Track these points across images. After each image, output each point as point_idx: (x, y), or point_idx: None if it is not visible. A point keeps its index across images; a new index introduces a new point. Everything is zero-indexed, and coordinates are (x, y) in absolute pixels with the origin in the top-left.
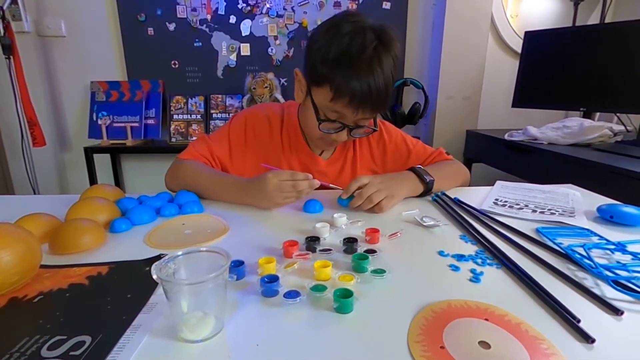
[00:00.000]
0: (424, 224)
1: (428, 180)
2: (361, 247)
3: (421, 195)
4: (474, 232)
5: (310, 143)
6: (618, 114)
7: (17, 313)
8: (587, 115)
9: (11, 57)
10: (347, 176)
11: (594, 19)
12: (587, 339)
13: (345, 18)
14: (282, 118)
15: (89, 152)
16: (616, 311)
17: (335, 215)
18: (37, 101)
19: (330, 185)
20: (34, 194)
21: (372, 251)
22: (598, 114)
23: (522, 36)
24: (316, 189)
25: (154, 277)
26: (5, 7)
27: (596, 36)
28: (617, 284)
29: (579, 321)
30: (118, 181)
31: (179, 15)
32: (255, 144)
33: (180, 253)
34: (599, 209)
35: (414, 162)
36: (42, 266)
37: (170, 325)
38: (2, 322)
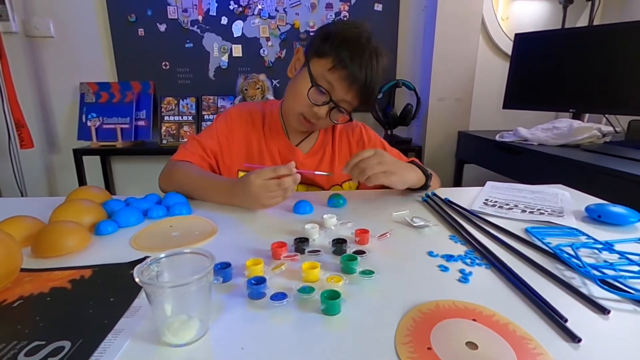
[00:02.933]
0: (414, 224)
1: (429, 172)
2: (350, 248)
3: (420, 189)
4: (463, 233)
5: (288, 131)
6: (607, 115)
7: None
8: (577, 116)
9: None
10: (324, 170)
11: (582, 22)
12: (574, 338)
13: (355, 21)
14: (264, 113)
15: (78, 154)
16: (603, 310)
17: (325, 216)
18: (25, 102)
19: (316, 172)
20: (22, 196)
21: (362, 252)
22: (587, 115)
23: (513, 38)
24: (302, 181)
25: (136, 279)
26: None
27: (585, 38)
28: (604, 283)
29: (566, 320)
30: (108, 183)
31: (169, 16)
32: (240, 135)
33: (163, 255)
34: (587, 209)
35: None
36: (24, 270)
37: (153, 329)
38: None
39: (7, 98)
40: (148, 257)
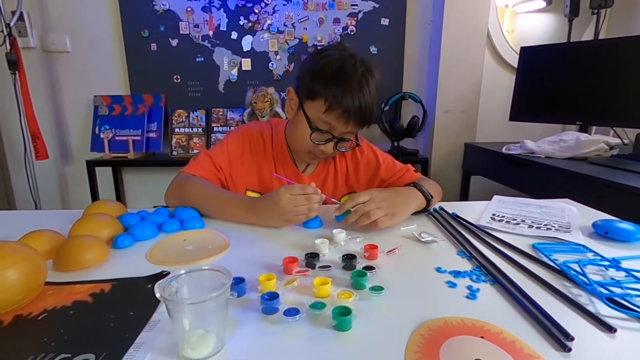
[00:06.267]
0: (422, 239)
1: (430, 195)
2: (360, 264)
3: (420, 212)
4: (470, 249)
5: (296, 159)
6: (614, 128)
7: (21, 331)
8: (584, 129)
9: (16, 72)
10: (328, 190)
11: (588, 35)
12: (564, 347)
13: (335, 47)
14: (272, 138)
15: (91, 165)
16: (610, 329)
17: (334, 231)
18: (41, 115)
19: (332, 199)
20: (36, 206)
21: (371, 267)
22: (594, 127)
23: (518, 51)
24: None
25: (157, 295)
26: (12, 24)
27: (590, 52)
28: (610, 301)
29: (572, 339)
30: (119, 194)
31: (181, 32)
32: (251, 158)
33: (183, 272)
34: (594, 225)
35: (384, 175)
36: (47, 283)
37: (172, 343)
38: (7, 340)
39: (24, 110)
40: (164, 271)
